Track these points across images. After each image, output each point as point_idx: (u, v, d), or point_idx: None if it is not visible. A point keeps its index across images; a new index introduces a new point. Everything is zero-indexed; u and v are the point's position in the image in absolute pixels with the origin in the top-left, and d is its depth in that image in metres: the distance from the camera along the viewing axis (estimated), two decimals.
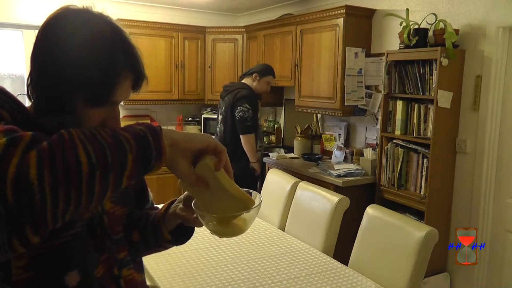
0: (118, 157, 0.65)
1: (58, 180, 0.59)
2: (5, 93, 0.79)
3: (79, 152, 0.61)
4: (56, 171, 0.59)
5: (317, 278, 1.88)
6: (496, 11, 2.68)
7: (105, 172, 0.63)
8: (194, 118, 5.10)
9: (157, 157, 0.69)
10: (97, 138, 0.65)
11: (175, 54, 4.70)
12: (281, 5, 4.54)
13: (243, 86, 3.52)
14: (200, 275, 1.88)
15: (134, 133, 0.68)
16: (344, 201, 2.35)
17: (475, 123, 2.83)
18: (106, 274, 0.87)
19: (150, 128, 0.70)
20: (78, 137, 0.64)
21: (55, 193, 0.59)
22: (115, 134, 0.67)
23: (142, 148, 0.67)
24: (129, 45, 0.84)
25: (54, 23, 0.81)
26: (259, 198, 0.88)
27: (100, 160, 0.63)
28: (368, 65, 3.54)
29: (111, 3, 4.53)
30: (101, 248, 0.87)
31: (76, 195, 0.61)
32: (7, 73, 4.31)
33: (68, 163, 0.60)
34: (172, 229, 1.00)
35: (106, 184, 0.64)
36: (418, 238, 1.84)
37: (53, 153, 0.60)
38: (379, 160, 3.24)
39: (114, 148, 0.65)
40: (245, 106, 3.36)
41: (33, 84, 0.82)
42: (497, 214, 2.80)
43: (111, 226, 0.90)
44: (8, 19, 4.12)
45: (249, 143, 3.39)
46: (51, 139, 0.62)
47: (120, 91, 0.82)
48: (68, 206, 0.61)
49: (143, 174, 0.70)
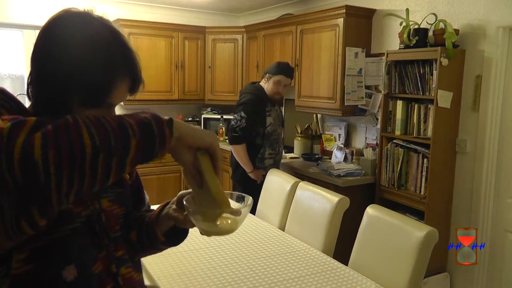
0: (122, 142, 0.66)
1: (62, 161, 0.61)
2: (5, 93, 0.80)
3: (83, 135, 0.63)
4: (61, 152, 0.61)
5: (317, 278, 1.88)
6: (496, 11, 2.68)
7: (109, 155, 0.65)
8: (194, 118, 5.10)
9: (160, 145, 0.71)
10: (102, 123, 0.66)
11: (175, 54, 4.70)
12: (281, 5, 4.54)
13: (250, 90, 3.30)
14: (200, 275, 1.87)
15: (138, 120, 0.70)
16: (344, 201, 2.35)
17: (475, 123, 2.83)
18: (104, 271, 0.88)
19: (155, 117, 0.72)
20: (83, 121, 0.65)
21: (60, 173, 0.61)
22: (120, 120, 0.69)
23: (145, 135, 0.69)
24: (128, 49, 0.86)
25: (54, 24, 0.82)
26: (249, 200, 0.94)
27: (104, 143, 0.64)
28: (368, 65, 3.54)
29: (111, 3, 4.53)
30: (99, 245, 0.88)
31: (79, 177, 0.63)
32: (7, 73, 4.31)
33: (73, 145, 0.62)
34: (166, 231, 1.01)
35: (109, 168, 0.66)
36: (418, 238, 1.84)
37: (58, 134, 0.62)
38: (379, 160, 3.24)
39: (118, 132, 0.66)
40: (240, 114, 3.15)
41: (32, 84, 0.84)
42: (497, 214, 2.80)
43: (109, 224, 0.91)
44: (8, 19, 4.13)
45: (237, 154, 3.21)
46: (56, 122, 0.64)
47: (116, 94, 0.84)
48: (71, 187, 0.63)
49: (146, 160, 0.72)
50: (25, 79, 4.30)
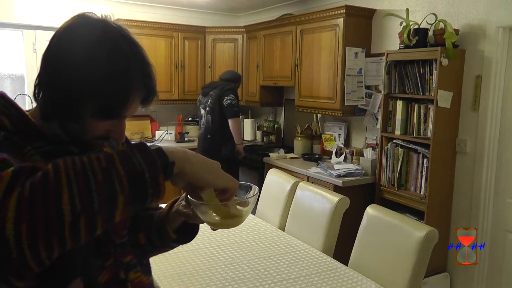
0: (107, 201, 0.62)
1: (37, 234, 0.57)
2: (5, 99, 0.79)
3: (62, 198, 0.58)
4: (35, 224, 0.56)
5: (317, 278, 1.88)
6: (496, 11, 2.68)
7: (91, 217, 0.61)
8: (194, 118, 5.10)
9: (153, 195, 0.66)
10: (87, 176, 0.61)
11: (175, 54, 4.70)
12: (281, 5, 4.54)
13: (227, 83, 3.99)
14: (200, 275, 1.88)
15: (130, 169, 0.64)
16: (344, 201, 2.35)
17: (475, 123, 2.83)
18: (111, 279, 0.86)
19: (151, 162, 0.66)
20: (66, 174, 0.60)
21: (34, 245, 0.57)
22: (108, 169, 0.63)
23: (136, 188, 0.64)
24: (145, 63, 0.84)
25: (72, 30, 0.80)
26: (255, 190, 0.91)
27: (84, 205, 0.60)
28: (368, 65, 3.54)
29: (111, 3, 4.53)
30: (105, 254, 0.86)
31: (58, 243, 0.59)
32: (7, 73, 4.31)
33: (49, 214, 0.57)
34: (177, 228, 0.99)
35: (94, 226, 0.62)
36: (418, 238, 1.84)
37: (33, 202, 0.57)
38: (379, 160, 3.24)
39: (102, 191, 0.61)
40: (231, 96, 3.86)
41: (42, 86, 0.81)
42: (497, 214, 2.80)
43: (116, 230, 0.89)
44: (8, 19, 4.12)
45: (236, 126, 3.91)
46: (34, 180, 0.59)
47: (130, 107, 0.83)
48: (51, 252, 0.59)
49: (138, 210, 0.68)
50: (25, 79, 4.30)
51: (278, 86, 4.34)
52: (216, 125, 3.93)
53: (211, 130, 3.95)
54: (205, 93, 4.05)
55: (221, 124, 3.91)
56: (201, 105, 4.10)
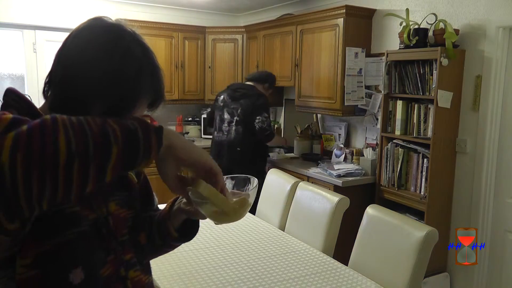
0: (101, 149, 0.64)
1: (31, 163, 0.58)
2: (15, 93, 0.80)
3: (58, 139, 0.60)
4: (31, 154, 0.58)
5: (317, 278, 1.88)
6: (496, 11, 2.68)
7: (84, 162, 0.62)
8: (194, 118, 5.10)
9: (144, 154, 0.69)
10: (83, 126, 0.63)
11: (175, 54, 4.70)
12: (281, 5, 4.54)
13: (259, 93, 3.66)
14: (200, 275, 1.88)
15: (123, 126, 0.68)
16: (344, 201, 2.35)
17: (475, 123, 2.83)
18: (112, 274, 0.87)
19: (142, 124, 0.70)
20: (63, 123, 0.62)
21: (28, 177, 0.58)
22: (103, 124, 0.66)
23: (129, 142, 0.67)
24: (156, 67, 0.87)
25: (87, 31, 0.83)
26: (255, 182, 0.94)
27: (80, 149, 0.61)
28: (368, 65, 3.54)
29: (112, 3, 4.53)
30: (107, 249, 0.87)
31: (51, 181, 0.60)
32: (7, 73, 4.31)
33: (45, 149, 0.59)
34: (178, 226, 1.01)
35: (86, 174, 0.63)
36: (418, 238, 1.84)
37: (31, 136, 0.59)
38: (379, 160, 3.24)
39: (98, 138, 0.64)
40: (264, 115, 3.52)
41: (53, 83, 0.83)
42: (497, 214, 2.80)
43: (116, 228, 0.90)
44: (8, 19, 4.12)
45: (272, 142, 3.77)
46: (32, 123, 0.61)
47: (137, 110, 0.85)
48: (43, 191, 0.60)
49: (129, 169, 0.70)
50: (25, 79, 4.30)
51: (278, 86, 4.34)
52: (241, 140, 3.58)
53: (240, 142, 3.58)
54: (235, 98, 3.65)
55: (248, 141, 3.58)
56: (226, 108, 3.68)
